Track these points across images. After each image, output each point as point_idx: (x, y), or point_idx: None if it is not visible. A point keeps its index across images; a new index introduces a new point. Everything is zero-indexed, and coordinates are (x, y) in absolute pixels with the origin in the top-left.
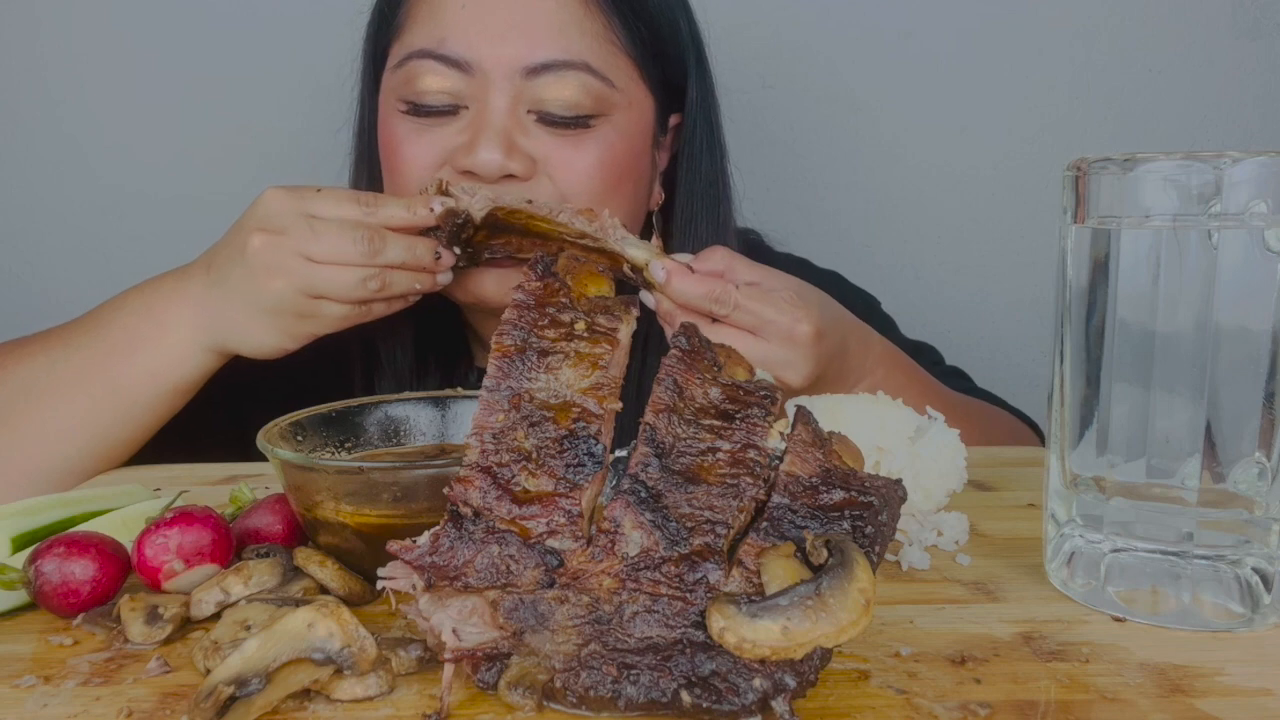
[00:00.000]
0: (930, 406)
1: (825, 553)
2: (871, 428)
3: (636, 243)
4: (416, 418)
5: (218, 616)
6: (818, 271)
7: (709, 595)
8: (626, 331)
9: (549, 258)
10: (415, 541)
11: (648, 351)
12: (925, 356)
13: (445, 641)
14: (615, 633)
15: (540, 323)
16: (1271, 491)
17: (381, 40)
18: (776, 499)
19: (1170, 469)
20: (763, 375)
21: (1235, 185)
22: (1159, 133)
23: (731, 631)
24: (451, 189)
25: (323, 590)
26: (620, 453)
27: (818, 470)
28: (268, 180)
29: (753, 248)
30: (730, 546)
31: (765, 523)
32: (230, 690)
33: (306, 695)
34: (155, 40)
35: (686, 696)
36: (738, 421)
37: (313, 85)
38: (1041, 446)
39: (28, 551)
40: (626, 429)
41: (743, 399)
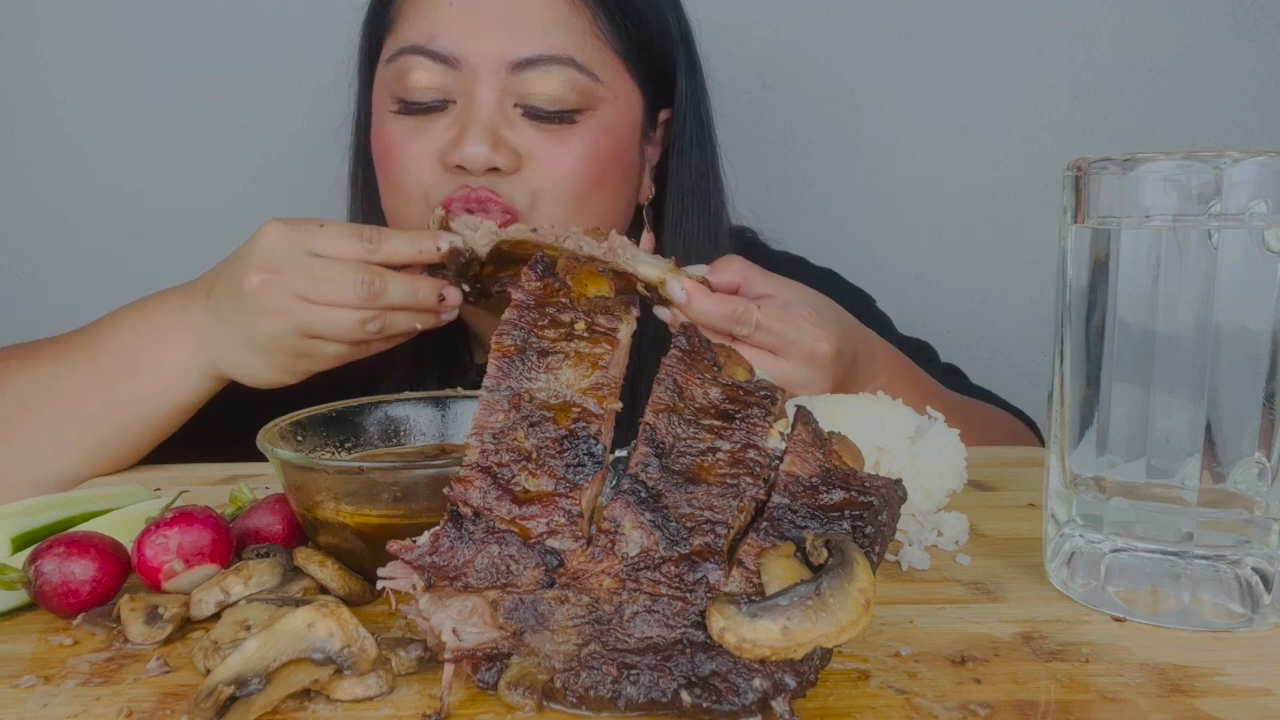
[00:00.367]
0: (931, 408)
1: (825, 553)
2: (871, 428)
3: (648, 260)
4: (416, 418)
5: (218, 616)
6: (814, 270)
7: (709, 595)
8: (626, 331)
9: (549, 258)
10: (415, 541)
11: (647, 352)
12: (921, 354)
13: (445, 641)
14: (615, 633)
15: (540, 323)
16: (1271, 491)
17: (376, 35)
18: (776, 499)
19: (1170, 469)
20: (762, 375)
21: (1235, 185)
22: (1159, 133)
23: (731, 631)
24: (453, 224)
25: (323, 590)
26: (620, 453)
27: (818, 470)
28: (268, 180)
29: (749, 246)
30: (730, 546)
31: (765, 523)
32: (230, 690)
33: (306, 695)
34: (155, 40)
35: (686, 696)
36: (738, 421)
37: (313, 85)
38: (1040, 445)
39: (28, 551)
40: (626, 429)
41: (743, 399)
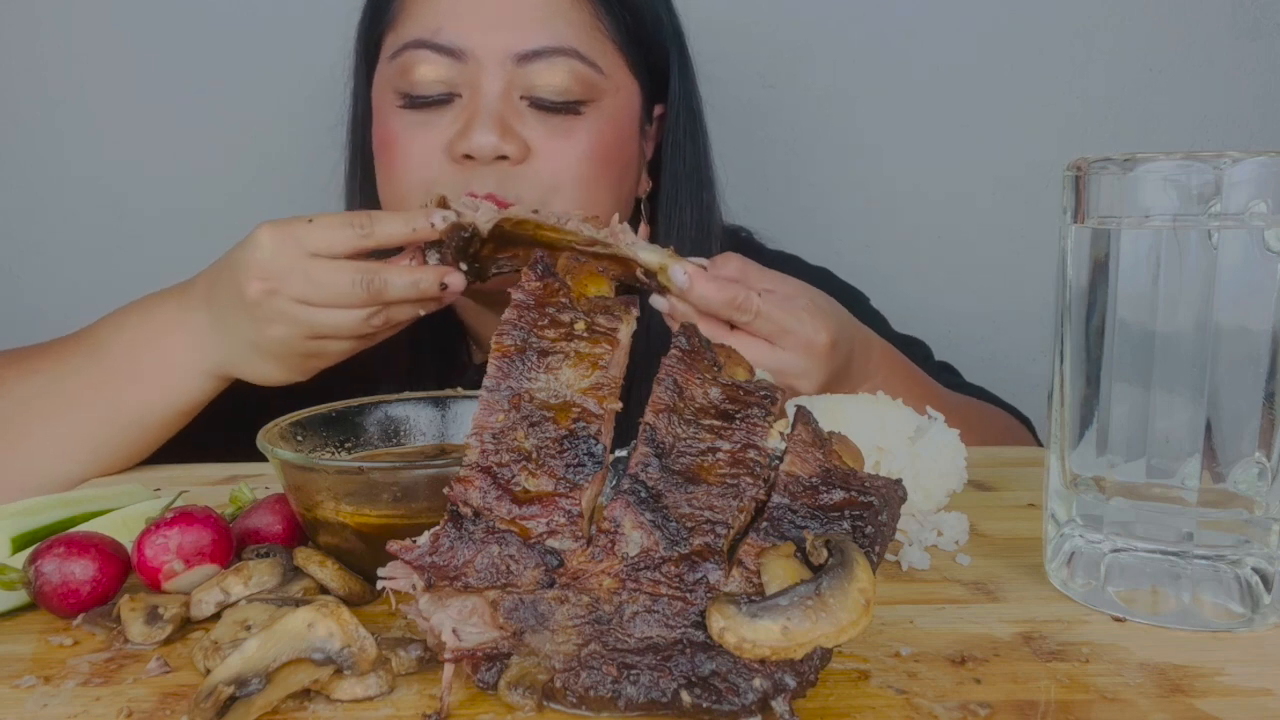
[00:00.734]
0: (931, 407)
1: (825, 553)
2: (871, 428)
3: (647, 246)
4: (416, 418)
5: (218, 616)
6: (808, 268)
7: (709, 595)
8: (626, 331)
9: (549, 258)
10: (415, 541)
11: (648, 351)
12: (915, 351)
13: (445, 641)
14: (615, 633)
15: (540, 323)
16: (1271, 491)
17: (374, 34)
18: (776, 499)
19: (1170, 469)
20: (762, 375)
21: (1235, 185)
22: (1159, 133)
23: (731, 631)
24: (453, 205)
25: (323, 590)
26: (620, 453)
27: (818, 470)
28: (268, 180)
29: (743, 245)
30: (730, 546)
31: (765, 523)
32: (230, 690)
33: (306, 695)
34: (155, 40)
35: (686, 696)
36: (738, 421)
37: (313, 84)
38: (1035, 443)
39: (28, 551)
40: (626, 429)
41: (743, 399)
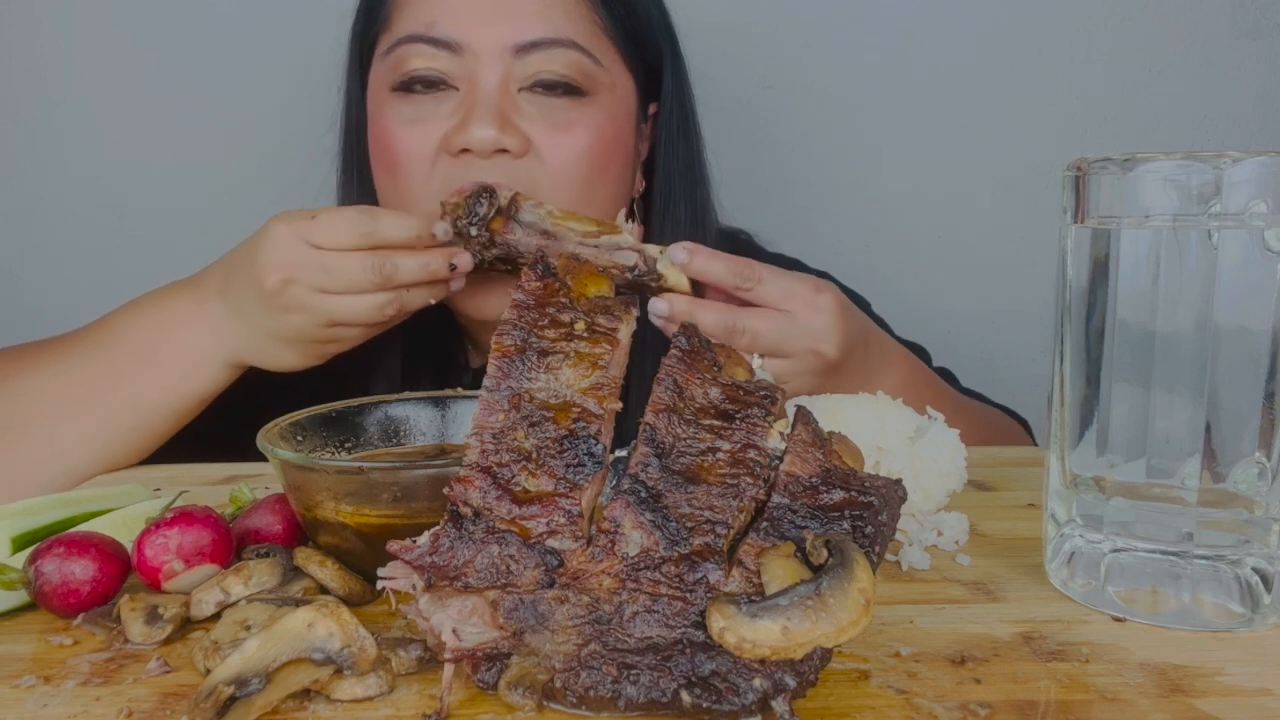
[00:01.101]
0: (935, 407)
1: (825, 553)
2: (871, 428)
3: (648, 247)
4: (416, 418)
5: (218, 616)
6: (810, 272)
7: (709, 595)
8: (626, 331)
9: (549, 258)
10: (415, 541)
11: (647, 352)
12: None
13: (445, 641)
14: (615, 633)
15: (540, 323)
16: (1271, 491)
17: (368, 36)
18: (776, 499)
19: (1170, 469)
20: (762, 375)
21: (1235, 185)
22: (1159, 133)
23: (731, 631)
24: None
25: (323, 590)
26: (620, 453)
27: (818, 470)
28: (268, 180)
29: (742, 247)
30: (730, 546)
31: (765, 523)
32: (230, 690)
33: (306, 695)
34: (154, 40)
35: (686, 696)
36: (738, 421)
37: (313, 84)
38: (1033, 443)
39: (28, 551)
40: (627, 429)
41: (743, 399)
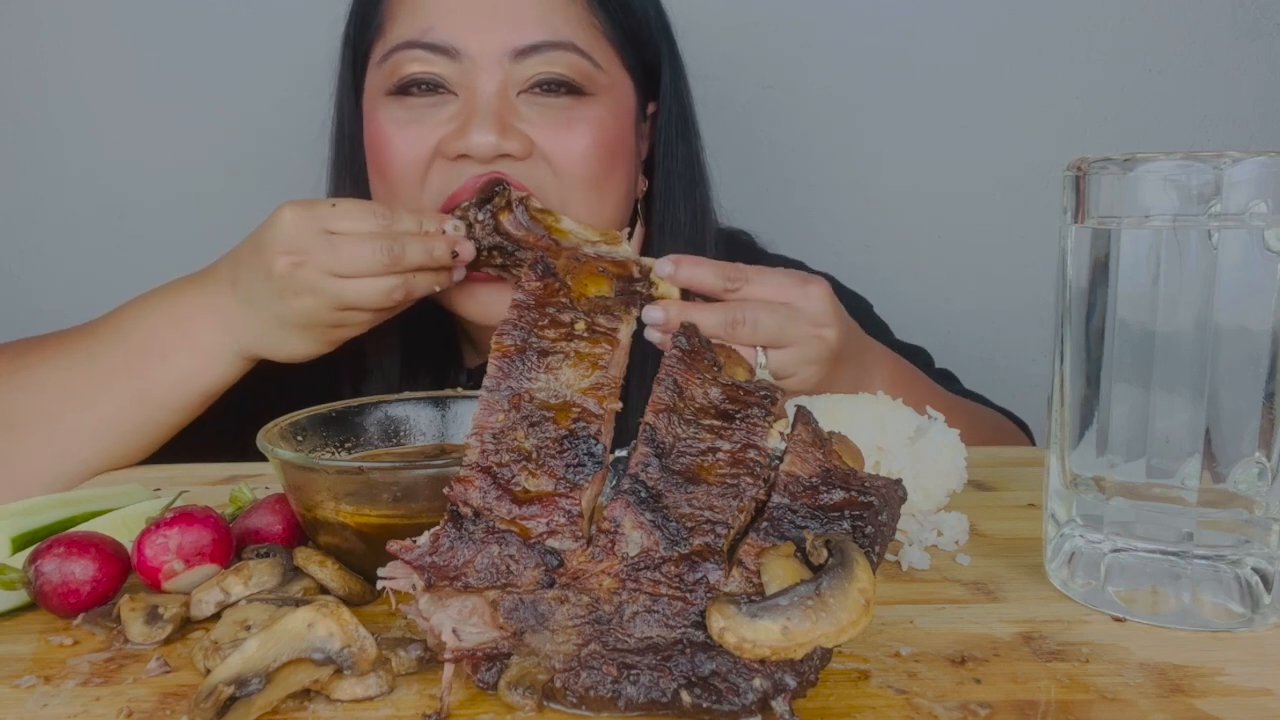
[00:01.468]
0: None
1: (825, 553)
2: (871, 428)
3: (644, 260)
4: (416, 418)
5: (218, 616)
6: (812, 273)
7: (709, 595)
8: (626, 331)
9: (549, 258)
10: (415, 541)
11: (647, 352)
12: (917, 359)
13: (445, 641)
14: (615, 633)
15: (540, 323)
16: (1271, 491)
17: (362, 43)
18: (776, 499)
19: (1170, 469)
20: (763, 375)
21: (1235, 185)
22: (1159, 133)
23: (731, 631)
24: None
25: (323, 590)
26: (620, 453)
27: (818, 470)
28: (267, 179)
29: (743, 248)
30: (730, 546)
31: (765, 523)
32: (230, 690)
33: (306, 695)
34: (154, 40)
35: (686, 696)
36: (738, 421)
37: (313, 85)
38: (1031, 445)
39: (28, 551)
40: (627, 429)
41: (743, 399)
